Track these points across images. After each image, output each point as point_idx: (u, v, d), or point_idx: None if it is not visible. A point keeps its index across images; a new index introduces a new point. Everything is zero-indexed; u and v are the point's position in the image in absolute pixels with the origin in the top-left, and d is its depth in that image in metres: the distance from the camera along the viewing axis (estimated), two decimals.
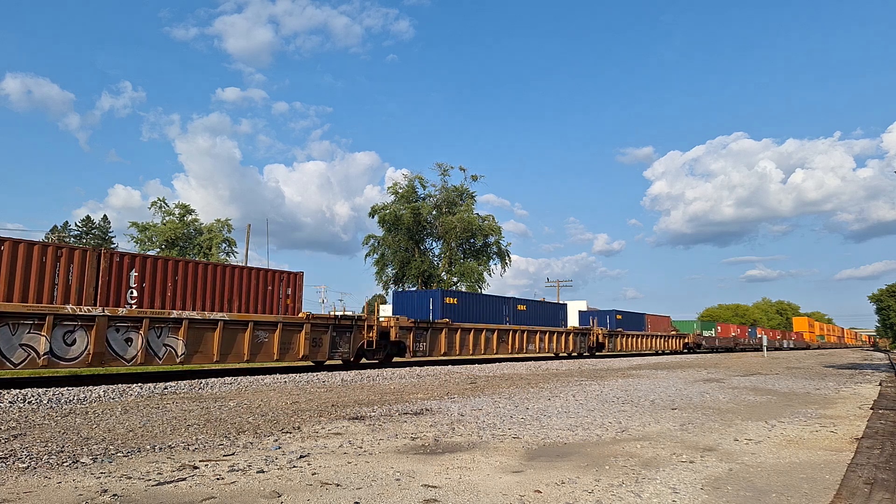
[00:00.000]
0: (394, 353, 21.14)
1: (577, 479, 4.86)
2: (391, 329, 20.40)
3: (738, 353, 50.46)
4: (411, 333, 21.14)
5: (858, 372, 23.14)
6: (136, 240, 51.21)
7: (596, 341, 34.21)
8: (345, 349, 18.32)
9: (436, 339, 22.23)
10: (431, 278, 47.86)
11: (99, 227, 77.53)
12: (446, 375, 17.11)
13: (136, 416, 8.15)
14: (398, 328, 20.58)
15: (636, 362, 29.37)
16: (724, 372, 21.14)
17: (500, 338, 26.05)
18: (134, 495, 4.22)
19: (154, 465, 5.23)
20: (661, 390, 13.32)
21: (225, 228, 54.85)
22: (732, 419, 8.77)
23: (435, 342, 22.18)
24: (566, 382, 15.26)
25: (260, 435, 6.86)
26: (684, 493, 4.48)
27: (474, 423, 7.89)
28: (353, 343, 18.58)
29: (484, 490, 4.49)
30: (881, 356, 53.24)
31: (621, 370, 21.74)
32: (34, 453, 5.58)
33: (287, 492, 4.36)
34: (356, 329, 18.84)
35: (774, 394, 13.12)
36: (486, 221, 50.68)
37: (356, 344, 18.74)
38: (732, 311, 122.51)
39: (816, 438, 7.18)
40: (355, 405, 9.84)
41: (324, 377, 15.32)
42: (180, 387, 12.34)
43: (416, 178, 51.13)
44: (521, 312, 28.90)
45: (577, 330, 32.70)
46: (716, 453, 6.10)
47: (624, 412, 9.32)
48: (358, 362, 20.05)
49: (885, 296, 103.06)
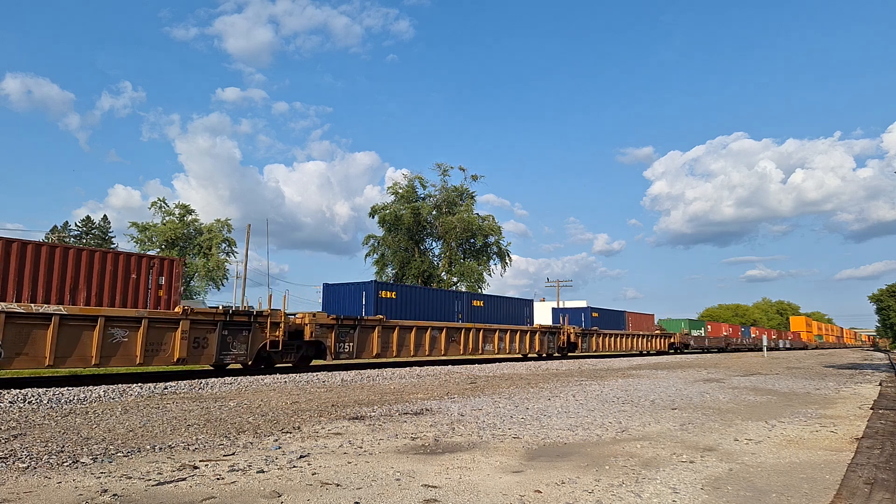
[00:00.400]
0: (311, 356, 18.50)
1: (578, 479, 4.86)
2: (305, 327, 17.64)
3: (737, 354, 50.35)
4: (333, 332, 18.34)
5: (858, 372, 23.14)
6: (137, 240, 51.21)
7: (567, 341, 31.55)
8: (240, 351, 15.60)
9: (366, 339, 19.53)
10: (431, 278, 47.86)
11: (99, 227, 77.55)
12: (446, 375, 17.12)
13: (136, 416, 8.15)
14: (315, 326, 17.78)
15: (636, 362, 29.34)
16: (724, 372, 21.14)
17: (449, 337, 23.30)
18: (134, 495, 4.22)
19: (154, 465, 5.23)
20: (661, 390, 13.33)
21: (225, 228, 54.85)
22: (732, 419, 8.77)
23: (365, 342, 19.48)
24: (566, 382, 15.27)
25: (260, 435, 6.86)
26: (684, 493, 4.48)
27: (474, 423, 7.89)
28: (251, 343, 15.84)
29: (484, 490, 4.49)
30: (881, 356, 53.26)
31: (621, 370, 21.74)
32: (34, 453, 5.58)
33: (287, 492, 4.36)
34: (256, 327, 16.05)
35: (774, 394, 13.12)
36: (486, 221, 50.68)
37: (256, 345, 16.01)
38: (732, 311, 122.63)
39: (816, 438, 7.18)
40: (355, 405, 9.84)
41: (324, 377, 15.33)
42: (180, 387, 12.35)
43: (416, 178, 51.16)
44: (478, 309, 26.55)
45: (544, 329, 30.04)
46: (716, 453, 6.10)
47: (624, 412, 9.32)
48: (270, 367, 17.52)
49: (885, 296, 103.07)
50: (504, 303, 29.03)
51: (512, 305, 29.43)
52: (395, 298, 22.33)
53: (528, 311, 30.44)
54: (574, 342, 31.98)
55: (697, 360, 34.19)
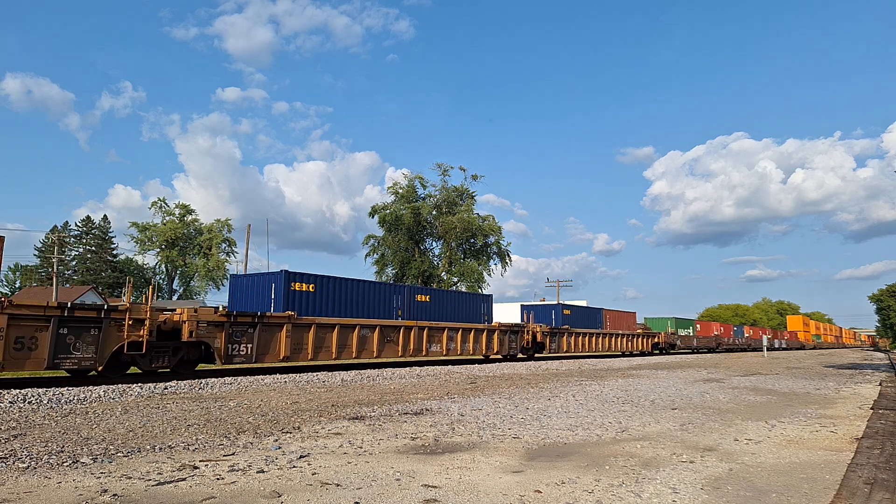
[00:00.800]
0: (196, 359, 15.57)
1: (578, 479, 4.86)
2: (183, 325, 14.74)
3: (737, 354, 50.30)
4: (223, 331, 15.42)
5: (858, 372, 23.14)
6: (137, 240, 51.26)
7: (532, 340, 28.72)
8: (86, 354, 12.79)
9: (270, 340, 16.64)
10: (431, 278, 47.89)
11: (99, 227, 77.53)
12: (446, 375, 17.12)
13: (137, 416, 8.15)
14: (196, 323, 14.87)
15: (636, 362, 29.34)
16: (724, 372, 21.14)
17: (384, 336, 20.27)
18: (134, 495, 4.22)
19: (154, 465, 5.23)
20: (661, 390, 13.33)
21: (225, 228, 54.94)
22: (732, 419, 8.77)
23: (269, 343, 16.61)
24: (566, 382, 15.27)
25: (260, 435, 6.86)
26: (684, 493, 4.48)
27: (474, 423, 7.89)
28: (101, 345, 13.01)
29: (484, 490, 4.49)
30: (881, 356, 53.25)
31: (621, 370, 21.74)
32: (34, 453, 5.58)
33: (287, 492, 4.36)
34: (110, 325, 13.21)
35: (774, 394, 13.12)
36: (486, 221, 50.71)
37: (109, 346, 13.18)
38: (732, 311, 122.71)
39: (816, 438, 7.18)
40: (355, 405, 9.84)
41: (324, 377, 15.33)
42: (180, 387, 12.35)
43: (417, 178, 51.21)
44: (423, 305, 23.44)
45: (504, 327, 27.05)
46: (716, 453, 6.10)
47: (624, 412, 9.32)
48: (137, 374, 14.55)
49: (885, 296, 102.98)
50: (456, 298, 26.19)
51: (466, 301, 26.61)
52: (314, 292, 19.15)
53: (486, 307, 27.54)
54: (541, 342, 29.24)
55: (697, 360, 34.18)
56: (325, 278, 19.76)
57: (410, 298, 23.13)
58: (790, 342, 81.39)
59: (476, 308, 26.87)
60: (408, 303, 22.92)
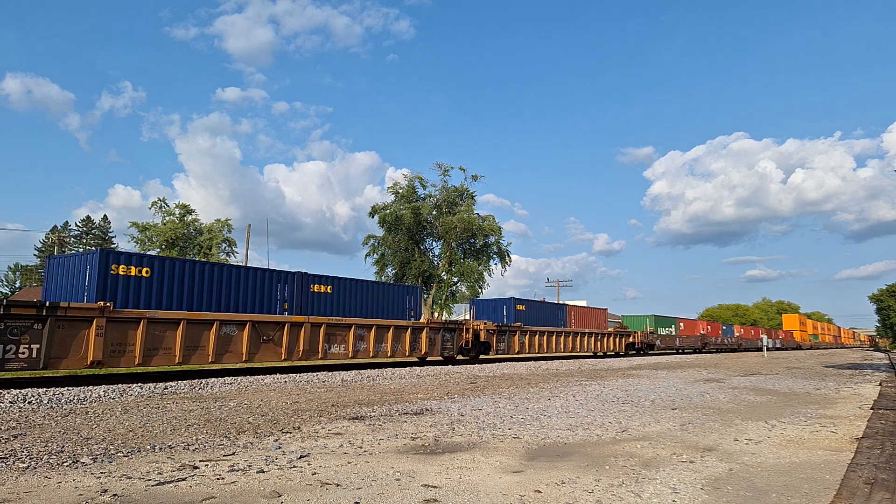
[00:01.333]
0: None
1: (578, 479, 4.86)
2: None
3: (736, 354, 50.27)
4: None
5: (858, 372, 23.14)
6: (137, 240, 51.21)
7: (475, 340, 24.91)
8: None
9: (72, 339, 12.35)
10: (431, 278, 47.88)
11: (99, 227, 77.55)
12: (446, 375, 17.11)
13: (137, 416, 8.15)
14: None
15: (636, 362, 29.33)
16: (724, 372, 21.15)
17: (259, 335, 15.95)
18: (134, 495, 4.22)
19: (154, 465, 5.23)
20: (661, 390, 13.32)
21: (225, 228, 54.85)
22: (732, 419, 8.77)
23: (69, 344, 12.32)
24: (566, 382, 15.27)
25: (260, 435, 6.86)
26: (684, 493, 4.48)
27: (474, 423, 7.89)
28: None
29: (484, 490, 4.49)
30: (881, 356, 53.26)
31: (621, 370, 21.74)
32: (34, 453, 5.58)
33: (287, 492, 4.36)
34: None
35: (774, 394, 13.11)
36: (487, 221, 50.65)
37: None
38: (733, 310, 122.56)
39: (816, 438, 7.18)
40: (355, 405, 9.84)
41: (324, 377, 15.32)
42: (180, 387, 12.34)
43: (417, 178, 51.13)
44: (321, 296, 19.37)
45: (436, 324, 22.79)
46: (716, 453, 6.10)
47: (624, 412, 9.32)
48: None
49: (885, 296, 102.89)
50: (369, 289, 21.41)
51: (383, 293, 21.91)
52: (148, 277, 15.02)
53: (413, 301, 23.29)
54: (485, 341, 25.18)
55: (698, 360, 34.18)
56: (166, 260, 15.77)
57: (303, 289, 18.88)
58: (785, 342, 77.49)
59: (399, 301, 22.52)
60: (298, 294, 18.76)
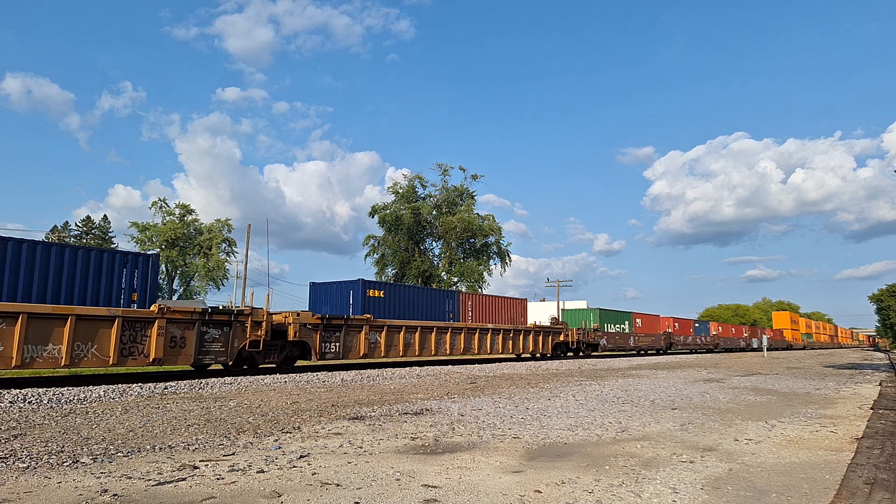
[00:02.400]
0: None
1: (578, 479, 4.86)
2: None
3: (737, 354, 50.15)
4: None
5: (858, 372, 23.14)
6: (137, 240, 51.23)
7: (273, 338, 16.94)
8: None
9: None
10: (431, 278, 47.88)
11: (99, 227, 77.51)
12: (446, 375, 17.11)
13: (137, 416, 8.15)
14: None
15: (636, 362, 29.31)
16: (724, 372, 21.14)
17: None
18: (134, 495, 4.22)
19: (154, 465, 5.23)
20: (661, 390, 13.32)
21: (225, 228, 54.89)
22: (732, 419, 8.76)
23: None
24: (566, 382, 15.26)
25: (260, 435, 6.86)
26: (684, 493, 4.48)
27: (474, 423, 7.89)
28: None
29: (484, 490, 4.49)
30: (881, 356, 53.25)
31: (621, 370, 21.74)
32: (34, 453, 5.58)
33: (287, 492, 4.36)
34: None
35: (774, 394, 13.11)
36: (487, 221, 50.68)
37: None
38: (732, 311, 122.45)
39: (816, 438, 7.18)
40: (355, 405, 9.84)
41: (324, 377, 15.32)
42: (180, 387, 12.34)
43: (417, 178, 51.19)
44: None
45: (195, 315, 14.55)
46: (716, 453, 6.10)
47: (624, 412, 9.32)
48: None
49: (885, 296, 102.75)
50: None
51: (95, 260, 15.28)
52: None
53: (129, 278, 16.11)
54: (301, 340, 17.28)
55: (697, 360, 34.18)
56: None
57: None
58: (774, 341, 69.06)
59: None
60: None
